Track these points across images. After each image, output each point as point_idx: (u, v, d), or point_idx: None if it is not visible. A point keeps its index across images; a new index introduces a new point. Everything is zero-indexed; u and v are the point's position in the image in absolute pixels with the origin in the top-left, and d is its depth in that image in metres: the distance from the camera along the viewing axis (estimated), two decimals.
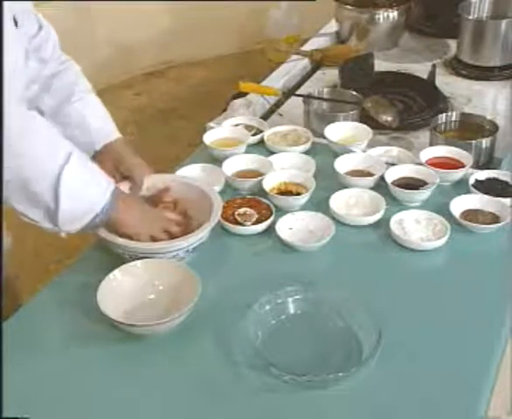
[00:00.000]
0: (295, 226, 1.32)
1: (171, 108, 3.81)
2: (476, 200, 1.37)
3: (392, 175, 1.43)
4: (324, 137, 1.56)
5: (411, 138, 1.70)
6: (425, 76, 1.93)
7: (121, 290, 1.14)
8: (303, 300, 1.13)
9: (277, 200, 1.38)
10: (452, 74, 2.03)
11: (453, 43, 2.10)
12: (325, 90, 1.79)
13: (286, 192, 1.41)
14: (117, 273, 1.15)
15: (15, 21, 1.10)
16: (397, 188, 1.39)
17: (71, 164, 1.09)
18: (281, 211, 1.35)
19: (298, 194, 1.39)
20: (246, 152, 1.55)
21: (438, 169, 1.43)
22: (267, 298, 1.11)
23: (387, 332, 1.04)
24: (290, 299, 1.13)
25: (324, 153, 1.55)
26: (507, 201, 1.36)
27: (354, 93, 1.73)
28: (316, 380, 0.99)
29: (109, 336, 1.09)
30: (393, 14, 2.16)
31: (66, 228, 1.13)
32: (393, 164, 1.48)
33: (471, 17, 2.03)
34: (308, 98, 1.73)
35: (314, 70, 2.10)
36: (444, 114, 1.65)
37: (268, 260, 1.28)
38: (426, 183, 1.41)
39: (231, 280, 1.22)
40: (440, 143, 1.54)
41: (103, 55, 3.86)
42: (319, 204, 1.38)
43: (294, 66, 2.06)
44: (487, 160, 1.56)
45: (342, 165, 1.46)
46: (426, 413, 0.98)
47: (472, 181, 1.41)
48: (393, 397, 1.00)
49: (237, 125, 1.65)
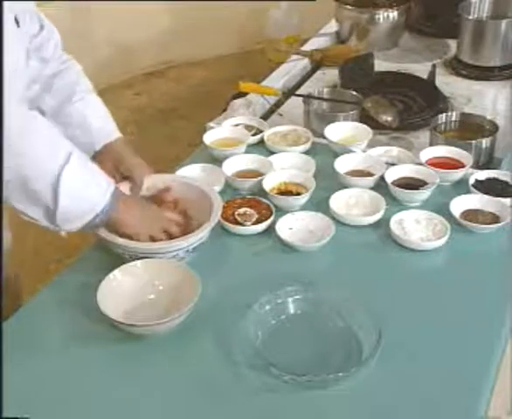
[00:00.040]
0: (295, 226, 1.32)
1: (171, 108, 3.80)
2: (476, 200, 1.37)
3: (392, 175, 1.43)
4: (324, 137, 1.56)
5: (411, 138, 1.70)
6: (425, 76, 1.93)
7: (121, 290, 1.14)
8: (303, 300, 1.13)
9: (277, 200, 1.38)
10: (452, 74, 2.03)
11: (453, 43, 2.10)
12: (325, 90, 1.79)
13: (286, 192, 1.41)
14: (117, 273, 1.15)
15: (16, 21, 1.10)
16: (397, 188, 1.39)
17: (71, 164, 1.09)
18: (281, 211, 1.35)
19: (298, 194, 1.39)
20: (246, 152, 1.55)
21: (438, 169, 1.43)
22: (267, 298, 1.11)
23: (387, 332, 1.04)
24: (290, 299, 1.13)
25: (324, 153, 1.55)
26: (507, 201, 1.36)
27: (354, 93, 1.73)
28: (316, 380, 0.99)
29: (109, 336, 1.09)
30: (393, 14, 2.16)
31: (66, 227, 1.13)
32: (393, 164, 1.48)
33: (471, 17, 2.03)
34: (308, 98, 1.73)
35: (314, 70, 2.10)
36: (444, 114, 1.65)
37: (268, 260, 1.28)
38: (426, 183, 1.41)
39: (231, 280, 1.22)
40: (440, 143, 1.54)
41: (103, 55, 3.86)
42: (319, 204, 1.38)
43: (294, 66, 2.06)
44: (487, 160, 1.56)
45: (342, 165, 1.46)
46: (426, 413, 0.98)
47: (472, 181, 1.41)
48: (393, 397, 1.00)
49: (237, 125, 1.65)
